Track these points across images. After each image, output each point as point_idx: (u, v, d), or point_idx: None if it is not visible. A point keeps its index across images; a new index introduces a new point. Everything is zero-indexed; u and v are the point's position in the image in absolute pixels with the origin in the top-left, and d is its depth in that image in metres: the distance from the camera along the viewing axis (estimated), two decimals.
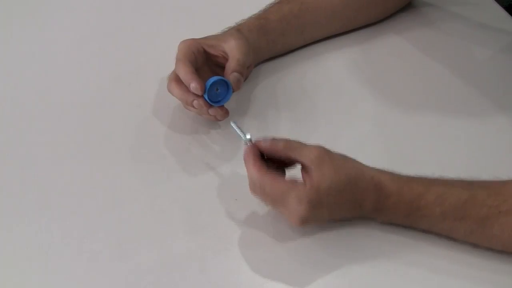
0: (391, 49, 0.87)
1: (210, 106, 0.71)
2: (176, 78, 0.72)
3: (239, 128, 0.67)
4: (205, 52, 0.74)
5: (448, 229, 0.61)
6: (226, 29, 0.78)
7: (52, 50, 0.88)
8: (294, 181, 0.60)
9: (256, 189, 0.62)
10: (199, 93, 0.70)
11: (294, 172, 0.63)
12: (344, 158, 0.62)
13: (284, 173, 0.64)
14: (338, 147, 0.64)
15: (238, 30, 0.77)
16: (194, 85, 0.69)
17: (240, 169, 0.70)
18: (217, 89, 0.72)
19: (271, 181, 0.60)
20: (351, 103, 0.79)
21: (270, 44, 0.81)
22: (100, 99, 0.80)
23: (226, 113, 0.72)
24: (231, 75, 0.72)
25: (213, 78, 0.71)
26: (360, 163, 0.62)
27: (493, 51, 0.86)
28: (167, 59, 0.74)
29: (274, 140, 0.62)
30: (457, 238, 0.62)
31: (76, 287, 0.62)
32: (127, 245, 0.65)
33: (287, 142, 0.61)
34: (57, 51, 0.88)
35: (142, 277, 0.62)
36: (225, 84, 0.72)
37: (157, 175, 0.71)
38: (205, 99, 0.71)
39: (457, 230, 0.61)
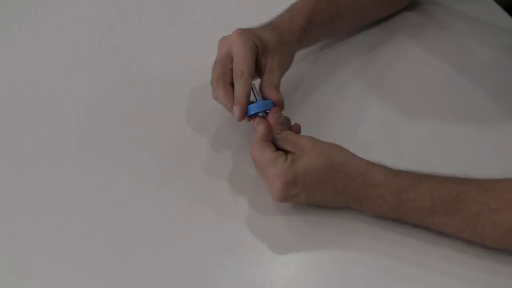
0: (395, 49, 0.86)
1: (251, 118, 0.68)
2: (224, 77, 0.69)
3: (257, 91, 0.68)
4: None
5: (439, 224, 0.60)
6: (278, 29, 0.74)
7: (66, 52, 0.88)
8: (279, 155, 0.63)
9: (252, 150, 0.65)
10: (239, 120, 0.67)
11: None
12: (331, 145, 0.63)
13: None
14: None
15: (286, 40, 0.74)
16: (237, 113, 0.66)
17: (240, 171, 0.71)
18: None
19: (260, 149, 0.64)
20: (356, 103, 0.79)
21: (304, 47, 0.80)
22: (100, 100, 0.80)
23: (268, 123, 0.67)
24: (278, 95, 0.68)
25: (257, 105, 0.67)
26: (350, 152, 0.63)
27: (496, 51, 0.85)
28: (164, 58, 0.74)
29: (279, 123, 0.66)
30: (449, 234, 0.61)
31: (76, 287, 0.62)
32: (127, 245, 0.65)
33: (283, 135, 0.65)
34: (68, 52, 0.88)
35: (142, 277, 0.62)
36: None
37: (157, 176, 0.71)
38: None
39: (448, 226, 0.60)
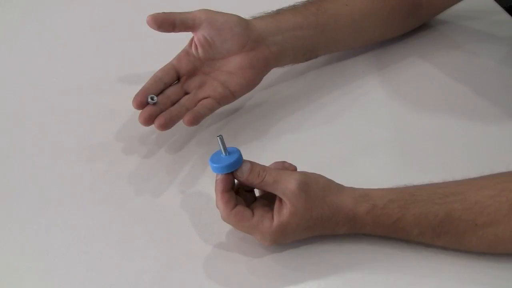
0: (397, 56, 0.86)
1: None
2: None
3: (223, 145, 0.61)
4: None
5: (427, 243, 0.62)
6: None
7: (57, 49, 0.90)
8: (260, 219, 0.61)
9: (225, 219, 0.62)
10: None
11: None
12: (323, 192, 0.61)
13: (254, 196, 0.65)
14: (350, 154, 0.72)
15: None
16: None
17: None
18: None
19: (237, 219, 0.61)
20: (365, 118, 0.79)
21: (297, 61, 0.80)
22: (102, 100, 0.81)
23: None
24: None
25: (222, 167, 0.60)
26: (339, 193, 0.61)
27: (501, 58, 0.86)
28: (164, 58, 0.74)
29: (250, 175, 0.61)
30: (436, 247, 0.63)
31: (76, 287, 0.62)
32: (127, 246, 0.65)
33: (263, 178, 0.60)
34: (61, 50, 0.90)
35: (142, 278, 0.62)
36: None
37: (157, 176, 0.71)
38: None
39: (436, 244, 0.62)
